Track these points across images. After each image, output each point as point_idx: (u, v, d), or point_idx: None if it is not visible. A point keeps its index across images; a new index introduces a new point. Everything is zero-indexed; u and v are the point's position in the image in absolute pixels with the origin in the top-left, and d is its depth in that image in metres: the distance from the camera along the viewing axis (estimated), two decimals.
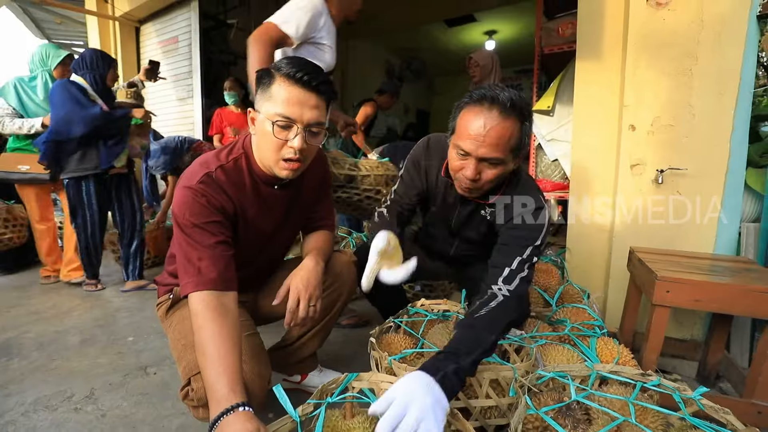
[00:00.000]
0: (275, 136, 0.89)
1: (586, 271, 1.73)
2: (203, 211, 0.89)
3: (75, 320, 1.97)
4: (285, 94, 0.88)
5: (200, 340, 0.78)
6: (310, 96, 0.89)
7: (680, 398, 0.83)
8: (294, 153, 0.91)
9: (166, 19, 3.44)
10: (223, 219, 0.93)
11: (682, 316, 1.52)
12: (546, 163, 2.33)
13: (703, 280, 1.07)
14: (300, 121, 0.89)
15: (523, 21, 4.94)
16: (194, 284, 0.84)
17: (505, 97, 0.94)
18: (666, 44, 1.45)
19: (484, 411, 0.96)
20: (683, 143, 1.46)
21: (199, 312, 0.82)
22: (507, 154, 0.98)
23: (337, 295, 1.20)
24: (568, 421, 0.84)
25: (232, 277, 0.90)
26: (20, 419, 1.19)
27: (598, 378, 0.95)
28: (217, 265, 0.87)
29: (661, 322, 1.13)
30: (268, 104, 0.89)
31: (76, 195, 2.26)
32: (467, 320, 0.93)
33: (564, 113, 2.13)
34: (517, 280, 0.98)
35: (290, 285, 1.00)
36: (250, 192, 0.99)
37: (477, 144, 0.96)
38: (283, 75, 0.88)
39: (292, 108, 0.88)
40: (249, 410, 0.71)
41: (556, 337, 1.18)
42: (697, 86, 1.42)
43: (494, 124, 0.95)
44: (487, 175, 1.01)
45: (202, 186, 0.90)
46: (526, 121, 0.97)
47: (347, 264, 1.24)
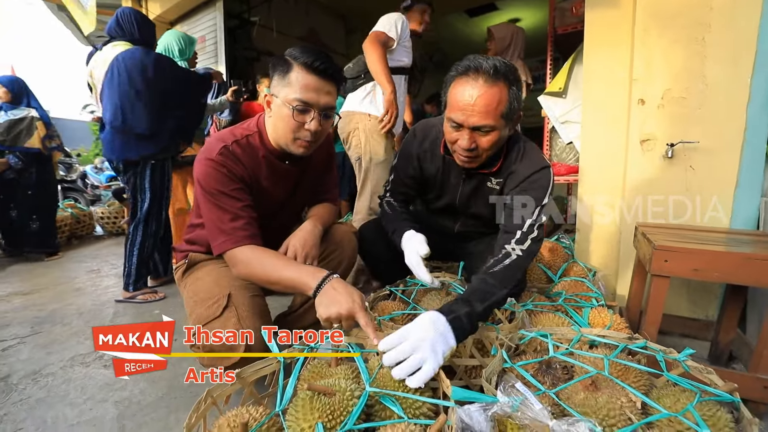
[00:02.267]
0: (294, 119, 0.99)
1: (595, 250, 1.69)
2: (226, 179, 1.01)
3: (110, 296, 2.15)
4: (303, 81, 0.98)
5: (268, 265, 0.96)
6: (325, 83, 1.00)
7: (662, 358, 0.83)
8: (310, 135, 1.02)
9: (194, 20, 3.63)
10: (243, 186, 1.04)
11: (695, 294, 1.47)
12: (560, 146, 2.28)
13: (702, 249, 1.04)
14: (316, 105, 1.00)
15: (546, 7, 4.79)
16: (233, 241, 0.98)
17: (488, 65, 0.97)
18: (677, 13, 1.40)
19: (468, 371, 0.99)
20: (696, 115, 1.40)
21: (250, 257, 0.97)
22: (498, 120, 1.00)
23: (337, 263, 1.26)
24: (547, 378, 0.86)
25: (258, 233, 1.03)
26: (59, 372, 1.35)
27: (586, 342, 0.95)
28: (250, 224, 1.01)
29: (659, 293, 1.10)
30: (287, 90, 0.99)
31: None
32: (482, 274, 0.98)
33: (578, 94, 2.08)
34: (528, 241, 1.03)
35: (288, 244, 1.09)
36: (262, 165, 1.10)
37: (467, 114, 1.00)
38: (300, 64, 0.98)
39: (310, 94, 0.98)
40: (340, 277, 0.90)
41: (551, 307, 1.18)
42: (710, 55, 1.37)
43: (482, 92, 0.97)
44: (483, 143, 1.04)
45: (221, 157, 1.01)
46: (513, 85, 1.00)
47: (347, 233, 1.31)
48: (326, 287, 0.88)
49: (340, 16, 5.38)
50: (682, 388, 0.74)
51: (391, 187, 1.36)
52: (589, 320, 1.09)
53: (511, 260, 1.00)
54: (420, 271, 1.13)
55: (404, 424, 0.64)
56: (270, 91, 1.05)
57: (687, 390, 0.73)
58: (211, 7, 3.49)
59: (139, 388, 1.23)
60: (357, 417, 0.64)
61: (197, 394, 1.16)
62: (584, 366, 0.81)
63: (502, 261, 1.00)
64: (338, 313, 0.83)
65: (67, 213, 3.66)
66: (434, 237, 1.47)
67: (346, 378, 0.79)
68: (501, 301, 0.96)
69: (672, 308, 1.49)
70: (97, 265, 2.78)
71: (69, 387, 1.26)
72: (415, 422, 0.65)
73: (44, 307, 1.97)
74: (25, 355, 1.47)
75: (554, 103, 2.21)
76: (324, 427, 0.60)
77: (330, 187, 1.34)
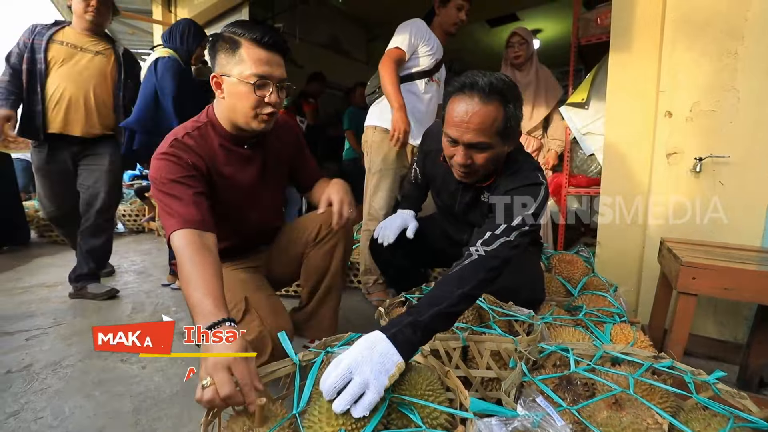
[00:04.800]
0: (255, 93, 0.98)
1: (617, 265, 1.65)
2: (177, 168, 0.96)
3: (129, 291, 2.20)
4: (255, 55, 0.97)
5: (185, 271, 0.82)
6: (276, 56, 1.01)
7: (691, 379, 0.79)
8: (271, 107, 1.01)
9: (220, 25, 3.72)
10: (196, 174, 0.99)
11: (722, 314, 1.41)
12: (582, 158, 2.24)
13: (734, 267, 1.00)
14: (272, 78, 1.00)
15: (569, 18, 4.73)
16: (177, 224, 0.89)
17: (484, 83, 0.96)
18: (708, 24, 1.37)
19: (485, 383, 0.97)
20: (726, 129, 1.36)
21: (183, 247, 0.86)
22: (493, 138, 0.99)
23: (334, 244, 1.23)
24: (568, 395, 0.83)
25: (211, 221, 0.95)
26: (78, 364, 1.38)
27: (608, 359, 0.92)
28: (198, 209, 0.92)
29: (686, 312, 1.06)
30: (240, 67, 0.97)
31: None
32: (441, 279, 0.89)
33: (600, 106, 2.04)
34: (497, 244, 0.91)
35: (330, 195, 1.15)
36: (219, 151, 1.07)
37: (462, 131, 0.99)
38: (249, 39, 0.97)
39: (265, 67, 0.98)
40: (234, 326, 0.74)
41: (571, 321, 1.15)
42: (742, 68, 1.33)
43: (476, 110, 0.97)
44: (479, 160, 1.03)
45: (171, 149, 0.98)
46: (510, 103, 0.98)
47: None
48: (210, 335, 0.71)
49: (362, 24, 5.45)
50: (712, 412, 0.71)
51: (416, 162, 1.47)
52: (611, 336, 1.05)
53: (471, 260, 0.89)
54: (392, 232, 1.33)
55: None
56: (216, 72, 1.02)
57: (718, 414, 0.70)
58: (236, 13, 3.58)
59: (154, 384, 1.25)
60: (375, 425, 0.63)
61: None
62: (607, 383, 0.79)
63: (461, 263, 0.89)
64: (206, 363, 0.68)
65: None
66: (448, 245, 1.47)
67: None
68: (457, 302, 0.81)
69: (698, 328, 1.44)
70: (117, 261, 2.84)
71: (87, 379, 1.28)
72: None
73: (66, 299, 2.02)
74: (47, 346, 1.51)
75: (576, 114, 2.18)
76: None
77: (317, 174, 1.33)
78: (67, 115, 1.92)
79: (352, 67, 5.25)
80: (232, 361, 0.67)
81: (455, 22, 1.98)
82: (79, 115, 1.94)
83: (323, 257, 1.21)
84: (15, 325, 1.70)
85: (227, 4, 3.57)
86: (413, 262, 1.43)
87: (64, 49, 1.91)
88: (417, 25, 1.91)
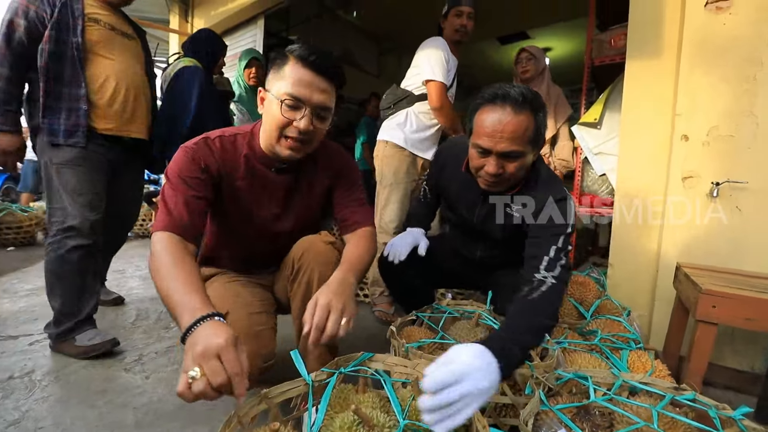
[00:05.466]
0: (282, 114, 0.91)
1: (630, 288, 1.62)
2: (189, 166, 0.93)
3: (134, 297, 2.18)
4: (296, 74, 0.91)
5: (164, 271, 0.78)
6: (320, 80, 0.92)
7: (716, 414, 0.76)
8: (298, 133, 0.92)
9: (236, 36, 3.80)
10: (205, 177, 0.95)
11: (739, 343, 1.37)
12: (593, 178, 2.23)
13: (757, 297, 0.97)
14: (308, 102, 0.91)
15: (579, 37, 4.81)
16: (164, 224, 0.86)
17: (516, 93, 0.99)
18: (726, 49, 1.37)
19: (498, 408, 0.94)
20: (745, 155, 1.35)
21: (163, 249, 0.82)
22: (525, 146, 1.02)
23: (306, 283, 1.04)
24: (587, 425, 0.81)
25: (196, 231, 0.91)
26: (81, 371, 1.36)
27: (626, 388, 0.89)
28: (189, 214, 0.89)
29: (706, 341, 1.03)
30: (279, 84, 0.92)
31: None
32: (523, 302, 0.94)
33: (613, 126, 2.04)
34: (558, 268, 0.98)
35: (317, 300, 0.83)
36: (241, 164, 1.01)
37: (495, 140, 1.01)
38: (296, 57, 0.91)
39: (301, 89, 0.90)
40: (223, 321, 0.70)
41: (586, 346, 1.12)
42: (762, 93, 1.32)
43: (509, 119, 0.99)
44: (510, 168, 1.04)
45: (194, 146, 0.95)
46: (539, 112, 1.01)
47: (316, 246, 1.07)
48: (198, 330, 0.67)
49: (373, 38, 5.53)
50: None
51: (427, 181, 1.48)
52: (629, 364, 1.02)
53: (547, 287, 0.95)
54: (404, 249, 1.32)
55: None
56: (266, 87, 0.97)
57: None
58: (252, 25, 3.65)
59: (157, 395, 1.23)
60: None
61: (213, 407, 1.15)
62: (628, 415, 0.76)
63: (538, 288, 0.95)
64: (193, 352, 0.63)
65: None
66: (459, 265, 1.46)
67: (374, 407, 0.76)
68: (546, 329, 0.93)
69: (713, 357, 1.39)
70: (122, 265, 2.84)
71: (89, 387, 1.26)
72: None
73: None
74: (50, 351, 1.49)
75: (588, 133, 2.17)
76: None
77: (355, 214, 1.11)
78: (122, 113, 1.56)
79: (364, 80, 5.31)
80: (222, 349, 0.62)
81: (457, 29, 1.99)
82: (132, 113, 1.60)
83: (303, 295, 1.00)
84: (18, 328, 1.69)
85: (243, 15, 3.64)
86: (424, 280, 1.42)
87: (101, 30, 1.49)
88: (444, 46, 1.95)
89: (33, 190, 4.68)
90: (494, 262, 1.36)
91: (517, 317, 0.90)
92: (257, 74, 2.63)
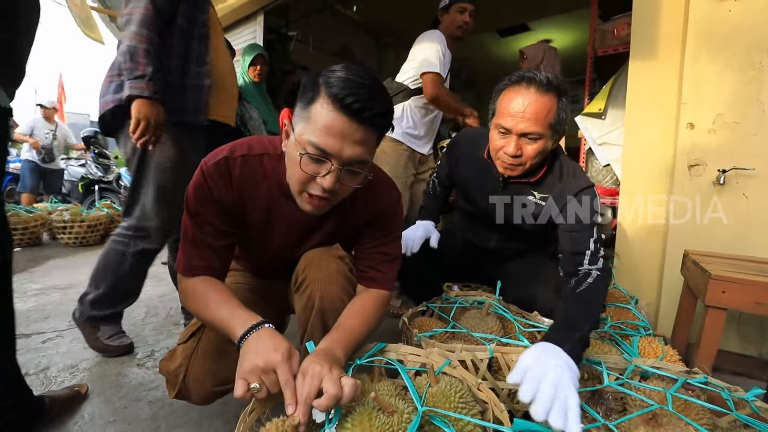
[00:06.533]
0: (302, 168, 0.73)
1: (637, 277, 1.63)
2: (203, 196, 0.82)
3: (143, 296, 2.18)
4: (326, 119, 0.69)
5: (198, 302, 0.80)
6: (357, 128, 0.70)
7: (729, 396, 0.78)
8: (322, 191, 0.74)
9: (235, 33, 3.79)
10: (219, 211, 0.84)
11: (745, 328, 1.38)
12: (597, 168, 2.24)
13: (766, 281, 0.98)
14: (338, 157, 0.71)
15: (580, 29, 4.78)
16: (184, 267, 0.83)
17: (542, 77, 1.02)
18: (731, 37, 1.37)
19: (512, 394, 0.95)
20: (751, 142, 1.35)
21: (190, 292, 0.82)
22: (546, 129, 1.03)
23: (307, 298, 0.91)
24: (600, 409, 0.82)
25: (220, 267, 0.87)
26: (94, 368, 1.37)
27: (638, 372, 0.90)
28: (210, 253, 0.84)
29: (715, 327, 1.04)
30: (303, 125, 0.72)
31: None
32: (574, 294, 0.96)
33: (617, 116, 2.05)
34: (600, 260, 1.02)
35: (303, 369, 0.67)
36: (261, 194, 0.86)
37: (516, 120, 1.03)
38: (329, 95, 0.69)
39: (330, 140, 0.70)
40: (272, 327, 0.72)
41: (596, 333, 1.13)
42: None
43: (532, 100, 1.01)
44: (528, 151, 1.06)
45: (211, 168, 0.82)
46: (563, 97, 1.03)
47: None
48: (252, 337, 0.69)
49: (372, 33, 5.51)
50: (754, 430, 0.69)
51: (436, 174, 1.51)
52: (639, 350, 1.03)
53: (593, 278, 0.98)
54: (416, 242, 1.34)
55: None
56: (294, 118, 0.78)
57: None
58: (251, 21, 3.64)
59: None
60: None
61: (226, 401, 1.16)
62: (642, 398, 0.77)
63: (585, 279, 0.98)
64: (254, 365, 0.64)
65: (103, 213, 3.81)
66: (469, 257, 1.47)
67: (390, 395, 0.77)
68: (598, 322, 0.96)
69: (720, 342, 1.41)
70: None
71: (104, 383, 1.27)
72: None
73: None
74: (63, 348, 1.51)
75: (592, 124, 2.18)
76: None
77: (380, 264, 0.92)
78: (220, 96, 1.48)
79: None
80: (279, 364, 0.65)
81: (459, 25, 1.98)
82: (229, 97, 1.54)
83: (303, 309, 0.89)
84: (31, 327, 1.71)
85: (242, 12, 3.63)
86: (435, 273, 1.43)
87: (212, 9, 1.46)
88: (441, 40, 1.93)
89: (33, 191, 4.68)
90: (507, 252, 1.37)
91: (571, 310, 0.91)
92: (262, 71, 2.63)
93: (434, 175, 1.51)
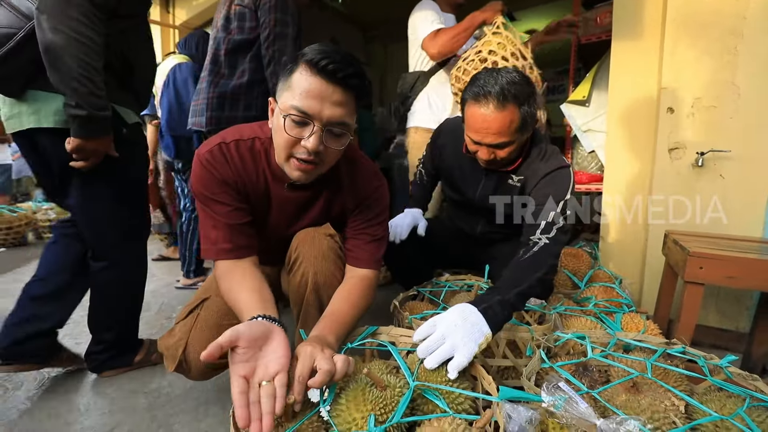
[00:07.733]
0: (286, 131, 0.77)
1: (621, 258, 1.68)
2: (211, 182, 0.86)
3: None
4: (305, 84, 0.75)
5: (230, 295, 0.84)
6: (334, 90, 0.76)
7: (705, 363, 0.82)
8: (307, 153, 0.79)
9: None
10: (229, 189, 0.88)
11: (724, 303, 1.44)
12: (582, 155, 2.28)
13: (739, 256, 1.03)
14: (318, 117, 0.76)
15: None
16: (213, 252, 0.88)
17: (497, 91, 1.01)
18: (708, 23, 1.40)
19: (501, 371, 0.98)
20: (727, 124, 1.40)
21: (221, 276, 0.87)
22: (513, 135, 1.07)
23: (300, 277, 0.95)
24: (585, 380, 0.85)
25: (247, 244, 0.90)
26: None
27: (621, 346, 0.94)
28: (230, 236, 0.88)
29: (694, 301, 1.09)
30: (286, 94, 0.78)
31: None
32: (512, 265, 0.98)
33: (601, 103, 2.08)
34: (554, 231, 1.03)
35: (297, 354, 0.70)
36: (255, 180, 0.91)
37: (482, 135, 1.07)
38: (306, 62, 0.76)
39: (310, 101, 0.75)
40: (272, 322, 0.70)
41: (581, 311, 1.17)
42: (743, 65, 1.36)
43: (493, 118, 1.04)
44: (501, 154, 1.11)
45: (209, 156, 0.86)
46: (523, 104, 1.04)
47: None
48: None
49: (359, 26, 5.47)
50: (727, 393, 0.73)
51: (423, 163, 1.54)
52: (622, 325, 1.07)
53: (539, 247, 1.00)
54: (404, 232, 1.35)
55: (450, 417, 0.64)
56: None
57: (733, 395, 0.72)
58: None
59: (167, 381, 1.25)
60: (403, 411, 0.64)
61: (222, 388, 1.18)
62: (624, 368, 0.81)
63: (531, 249, 1.00)
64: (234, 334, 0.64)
65: None
66: (458, 243, 1.50)
67: (381, 372, 0.79)
68: (534, 285, 0.92)
69: (700, 318, 1.46)
70: None
71: (98, 377, 1.27)
72: (462, 417, 0.65)
73: None
74: None
75: (577, 111, 2.21)
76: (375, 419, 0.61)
77: (366, 244, 0.96)
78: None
79: None
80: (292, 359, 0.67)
81: None
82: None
83: (297, 286, 0.93)
84: None
85: None
86: (424, 259, 1.46)
87: None
88: (430, 5, 1.84)
89: (6, 191, 4.56)
90: (494, 236, 1.41)
91: (504, 277, 0.94)
92: None
93: (420, 165, 1.54)
